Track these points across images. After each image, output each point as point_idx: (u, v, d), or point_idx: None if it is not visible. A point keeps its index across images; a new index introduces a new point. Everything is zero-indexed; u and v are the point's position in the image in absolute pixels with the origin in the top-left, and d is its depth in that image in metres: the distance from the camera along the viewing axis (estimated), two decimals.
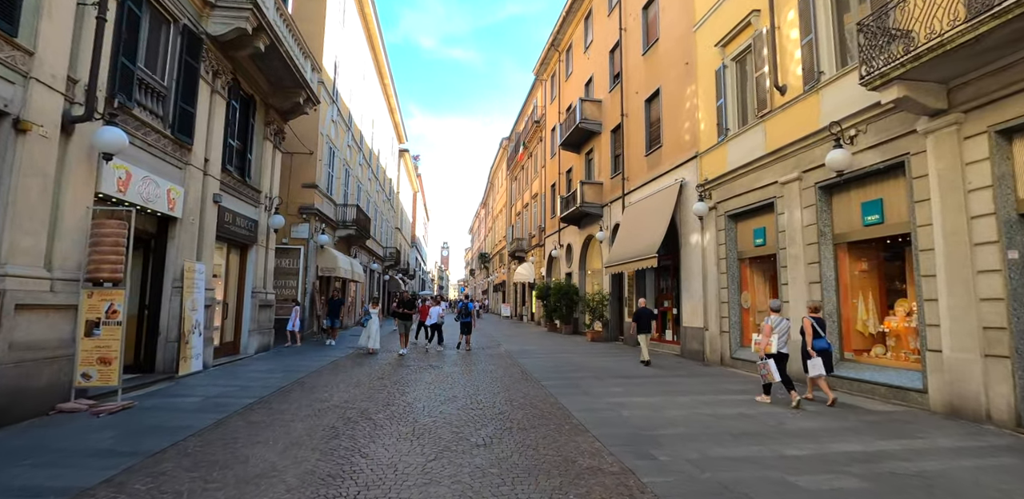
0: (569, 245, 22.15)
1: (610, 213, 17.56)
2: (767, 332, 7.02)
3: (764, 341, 7.01)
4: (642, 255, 12.91)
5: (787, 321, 7.18)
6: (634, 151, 15.82)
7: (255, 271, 11.44)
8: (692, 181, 12.39)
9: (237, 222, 10.45)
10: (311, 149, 15.76)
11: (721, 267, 11.21)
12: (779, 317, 7.13)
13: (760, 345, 7.07)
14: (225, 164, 9.78)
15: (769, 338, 6.97)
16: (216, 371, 8.96)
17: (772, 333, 6.99)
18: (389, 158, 34.09)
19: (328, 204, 17.48)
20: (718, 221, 11.35)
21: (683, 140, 12.91)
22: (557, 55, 24.79)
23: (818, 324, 6.95)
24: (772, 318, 7.12)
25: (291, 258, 15.51)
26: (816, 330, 6.89)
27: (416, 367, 10.28)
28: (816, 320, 6.98)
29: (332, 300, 14.92)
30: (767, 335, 7.00)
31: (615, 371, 9.99)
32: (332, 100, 17.48)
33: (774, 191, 9.50)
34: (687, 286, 12.47)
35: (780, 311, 7.28)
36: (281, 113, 12.35)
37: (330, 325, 14.54)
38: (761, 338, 7.09)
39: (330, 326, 14.55)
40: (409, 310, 12.46)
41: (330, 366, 10.04)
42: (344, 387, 7.87)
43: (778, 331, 7.00)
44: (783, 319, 7.14)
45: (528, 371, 9.83)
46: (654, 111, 14.77)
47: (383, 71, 27.77)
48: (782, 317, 7.17)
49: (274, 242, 12.46)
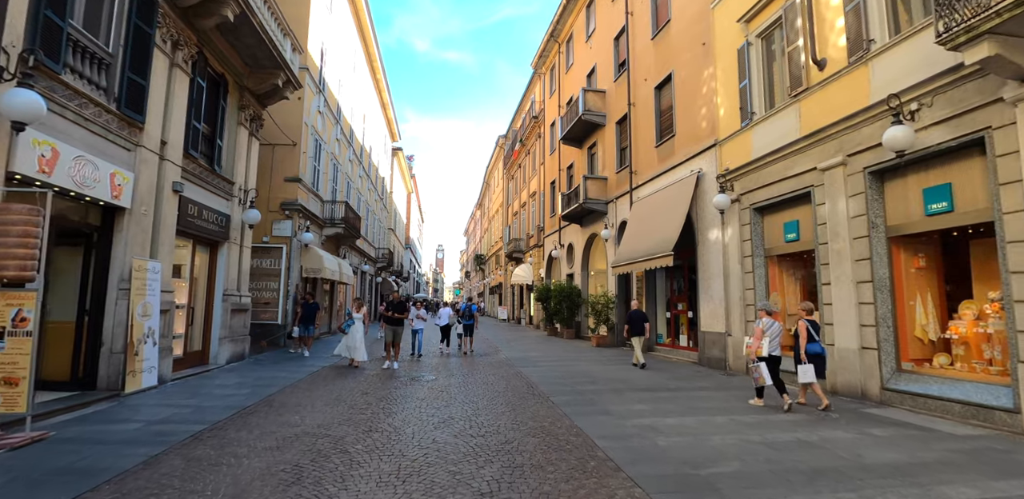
0: (570, 245, 21.04)
1: (615, 210, 16.46)
2: (758, 335, 6.90)
3: (755, 344, 6.89)
4: (655, 253, 11.80)
5: (779, 324, 7.08)
6: (643, 142, 14.73)
7: (227, 271, 10.23)
8: (711, 172, 11.30)
9: (204, 216, 9.25)
10: (294, 140, 14.56)
11: (746, 265, 10.11)
12: (770, 319, 7.02)
13: (751, 348, 6.98)
14: (188, 149, 8.59)
15: (760, 341, 6.86)
16: (173, 387, 7.74)
17: (764, 336, 6.87)
18: (381, 156, 32.91)
19: (314, 201, 16.28)
20: (742, 215, 10.25)
21: (699, 128, 11.83)
22: (557, 46, 23.73)
23: (813, 327, 6.78)
24: (764, 320, 7.02)
25: (272, 258, 14.30)
26: (811, 334, 6.72)
27: (406, 379, 9.10)
28: (811, 323, 6.81)
29: (305, 304, 12.71)
30: (758, 338, 6.88)
31: (632, 383, 8.86)
32: (319, 89, 16.31)
33: (811, 179, 8.41)
34: (705, 287, 11.36)
35: (772, 314, 7.19)
36: (258, 97, 11.17)
37: (303, 333, 12.51)
38: (752, 341, 7.01)
39: (303, 335, 12.53)
40: (400, 314, 10.66)
41: (308, 379, 8.84)
42: (320, 406, 6.68)
43: (769, 334, 6.88)
44: (774, 322, 7.02)
45: (534, 383, 8.67)
46: (665, 98, 13.70)
47: (375, 65, 26.62)
48: (773, 320, 7.06)
49: (250, 239, 11.26)
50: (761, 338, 6.87)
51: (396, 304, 10.82)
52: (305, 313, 12.53)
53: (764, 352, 6.79)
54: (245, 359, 10.89)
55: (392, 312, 10.71)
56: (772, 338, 6.86)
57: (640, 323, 11.02)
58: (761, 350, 6.81)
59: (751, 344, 7.04)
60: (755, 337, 6.97)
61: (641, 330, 11.00)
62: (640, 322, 11.03)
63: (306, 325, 12.48)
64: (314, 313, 12.63)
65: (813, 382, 6.62)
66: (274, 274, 14.25)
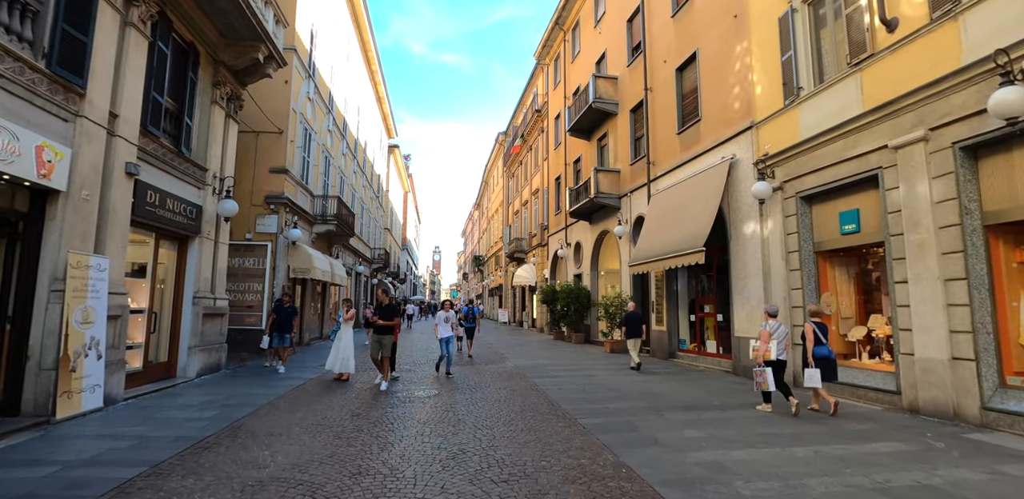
0: (578, 243, 19.79)
1: (630, 204, 15.23)
2: (765, 338, 6.68)
3: (763, 348, 6.66)
4: (682, 249, 10.56)
5: (785, 327, 6.92)
6: (662, 130, 13.51)
7: (198, 270, 8.93)
8: (745, 158, 10.09)
9: (169, 205, 7.95)
10: (280, 127, 13.28)
11: (791, 262, 8.88)
12: (777, 322, 6.85)
13: (758, 352, 6.77)
14: (147, 125, 7.30)
15: (768, 344, 6.64)
16: (124, 409, 6.43)
17: (771, 339, 6.67)
18: (377, 152, 31.62)
19: (303, 195, 14.98)
20: (786, 205, 9.03)
21: (731, 110, 10.61)
22: (562, 35, 22.53)
23: (820, 329, 6.59)
24: (770, 323, 6.80)
25: (256, 256, 12.99)
26: (818, 336, 6.54)
27: (405, 395, 7.81)
28: (818, 325, 6.61)
29: (279, 307, 10.17)
30: (765, 341, 6.66)
31: (667, 398, 7.60)
32: (308, 74, 15.04)
33: (879, 159, 7.19)
34: (740, 287, 10.13)
35: (777, 316, 7.00)
36: (236, 74, 9.89)
37: (277, 344, 10.05)
38: (759, 345, 6.77)
39: (277, 346, 10.08)
40: (388, 320, 8.43)
41: (289, 397, 7.53)
42: (299, 434, 5.39)
43: (776, 337, 6.71)
44: (780, 325, 6.86)
45: (554, 400, 7.40)
46: (688, 80, 12.49)
47: (370, 56, 25.36)
48: (780, 322, 6.92)
49: (227, 235, 9.95)
50: (768, 341, 6.66)
51: (386, 307, 8.58)
52: (279, 319, 10.07)
53: (772, 356, 6.61)
54: (221, 370, 9.57)
55: (378, 317, 8.53)
56: (779, 341, 6.71)
57: (637, 325, 10.95)
58: (769, 354, 6.62)
59: (757, 348, 6.82)
60: (762, 340, 6.72)
61: (638, 332, 10.95)
62: (637, 324, 10.96)
63: (281, 333, 10.04)
64: (290, 319, 10.20)
65: (818, 388, 6.43)
66: (258, 274, 12.94)
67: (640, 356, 10.85)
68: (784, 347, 6.78)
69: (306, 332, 15.59)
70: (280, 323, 10.08)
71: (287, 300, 10.59)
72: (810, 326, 6.63)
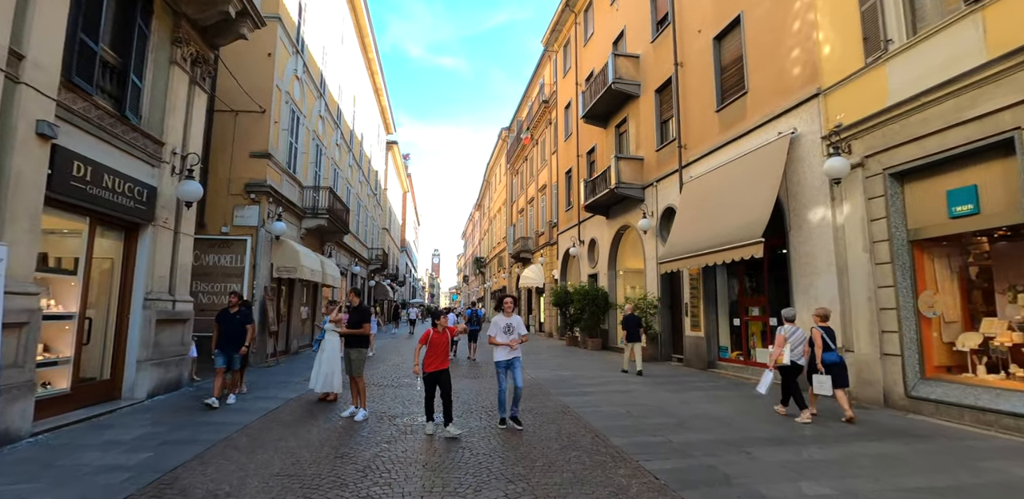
0: (593, 240, 18.18)
1: (656, 195, 13.63)
2: (780, 342, 6.54)
3: (777, 352, 6.53)
4: (731, 242, 8.95)
5: (802, 331, 6.70)
6: (696, 109, 11.93)
7: (152, 266, 7.29)
8: (809, 132, 8.50)
9: (108, 183, 6.31)
10: (263, 106, 11.66)
11: (878, 254, 7.27)
12: (793, 327, 6.66)
13: (772, 356, 6.59)
14: (73, 76, 5.67)
15: (782, 349, 6.49)
16: (24, 450, 4.77)
17: (785, 343, 6.51)
18: (375, 147, 30.02)
19: (290, 185, 13.35)
20: (869, 184, 7.43)
21: (788, 77, 9.03)
22: (573, 17, 20.99)
23: (828, 335, 6.37)
24: (786, 327, 6.65)
25: (234, 253, 11.34)
26: (826, 342, 6.32)
27: (405, 424, 6.16)
28: (825, 330, 6.39)
29: (224, 315, 7.10)
30: (780, 345, 6.52)
31: (741, 426, 5.96)
32: (296, 49, 13.44)
33: (1015, 119, 5.59)
34: (804, 285, 8.51)
35: (793, 320, 6.74)
36: (203, 32, 8.27)
37: (224, 365, 6.90)
38: (774, 349, 6.59)
39: (223, 367, 6.90)
40: (355, 327, 6.56)
41: (255, 428, 5.87)
42: (254, 494, 3.74)
43: (792, 341, 6.54)
44: (797, 328, 6.67)
45: (598, 430, 5.75)
46: (730, 49, 10.90)
47: (367, 43, 23.78)
48: (796, 327, 6.70)
49: (191, 223, 8.31)
50: (783, 345, 6.48)
51: (355, 310, 6.66)
52: (225, 330, 6.98)
53: (786, 360, 6.44)
54: (181, 388, 7.89)
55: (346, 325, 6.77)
56: (795, 346, 6.51)
57: (636, 329, 10.75)
58: (782, 358, 6.45)
59: (772, 352, 6.59)
60: (776, 345, 6.54)
61: (638, 336, 10.76)
62: (636, 327, 10.76)
63: (228, 351, 6.92)
64: (241, 330, 7.06)
65: (830, 394, 6.19)
66: (236, 274, 11.29)
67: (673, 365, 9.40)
68: (801, 352, 6.52)
69: (293, 339, 13.93)
70: (227, 336, 6.97)
71: (234, 302, 7.24)
72: (818, 331, 6.35)
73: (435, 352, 5.56)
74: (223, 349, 6.95)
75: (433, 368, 5.54)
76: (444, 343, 5.60)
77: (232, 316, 7.13)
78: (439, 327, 5.64)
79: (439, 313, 5.88)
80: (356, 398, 6.46)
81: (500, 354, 5.89)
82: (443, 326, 5.66)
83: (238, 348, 7.08)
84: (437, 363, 5.55)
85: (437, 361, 5.56)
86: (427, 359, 5.57)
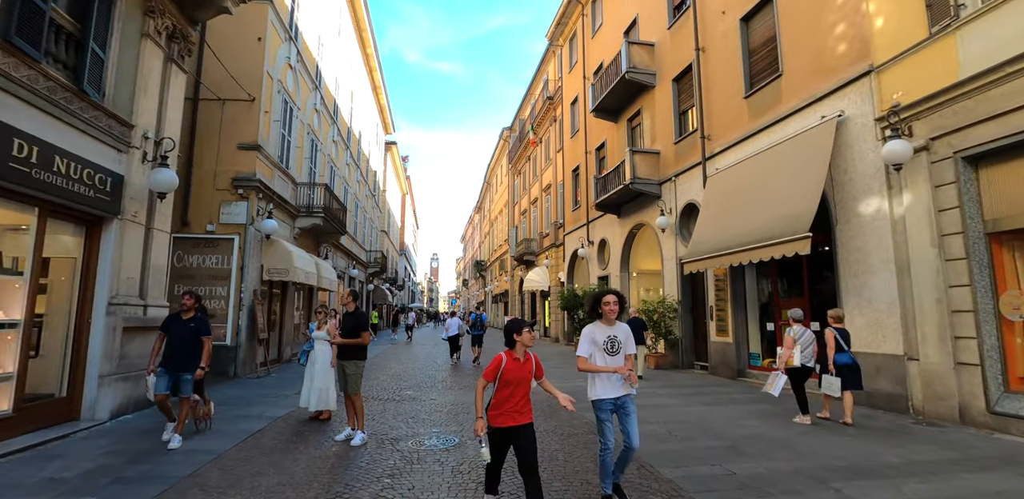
0: (603, 240, 17.27)
1: (674, 190, 12.74)
2: (789, 344, 6.38)
3: (786, 354, 6.36)
4: (771, 237, 8.05)
5: (810, 332, 6.52)
6: (720, 97, 11.07)
7: (118, 266, 6.35)
8: (860, 114, 7.62)
9: (61, 168, 5.39)
10: (252, 94, 10.75)
11: (949, 249, 6.37)
12: (802, 328, 6.47)
13: (782, 359, 6.42)
14: (11, 35, 4.74)
15: (791, 350, 6.33)
16: None
17: (795, 345, 6.34)
18: (373, 146, 29.13)
19: (283, 180, 12.44)
20: (936, 170, 6.54)
21: (832, 55, 8.16)
22: (580, 8, 20.19)
23: (841, 336, 6.24)
24: (795, 329, 6.46)
25: (220, 253, 10.40)
26: (839, 343, 6.19)
27: (411, 449, 5.22)
28: (839, 331, 6.27)
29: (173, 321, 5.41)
30: (789, 347, 6.36)
31: (807, 450, 5.04)
32: (289, 36, 12.56)
33: None
34: (856, 286, 7.60)
35: (801, 321, 6.53)
36: (180, 3, 7.36)
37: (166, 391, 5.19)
38: (783, 351, 6.43)
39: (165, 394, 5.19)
40: (352, 336, 5.50)
41: (231, 458, 4.92)
42: None
43: (801, 343, 6.38)
44: (806, 330, 6.49)
45: (642, 457, 4.81)
46: (760, 30, 10.05)
47: (365, 38, 22.95)
48: (805, 328, 6.50)
49: (167, 218, 7.37)
50: (792, 347, 6.37)
51: (348, 317, 5.59)
52: (173, 344, 5.27)
53: (796, 362, 6.33)
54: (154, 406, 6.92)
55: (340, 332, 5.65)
56: (804, 347, 6.40)
57: (640, 333, 10.34)
58: (792, 360, 6.33)
59: (782, 355, 6.47)
60: (786, 347, 6.43)
61: (642, 339, 10.43)
62: (640, 332, 10.36)
63: (176, 371, 5.22)
64: (194, 342, 5.31)
65: (838, 395, 6.16)
66: (223, 276, 10.34)
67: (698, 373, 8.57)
68: (810, 354, 6.41)
69: (286, 347, 12.97)
70: (175, 350, 5.21)
71: (189, 305, 5.38)
72: (831, 332, 6.25)
73: (510, 394, 3.30)
74: (168, 367, 5.18)
75: (507, 422, 3.25)
76: (525, 379, 3.36)
77: (184, 323, 5.32)
78: (518, 351, 3.38)
79: (519, 325, 3.40)
80: (352, 419, 5.50)
81: (602, 388, 3.64)
82: (525, 346, 3.40)
83: (189, 367, 5.21)
84: (514, 413, 3.28)
85: (515, 410, 3.29)
86: (496, 406, 3.31)
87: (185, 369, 5.23)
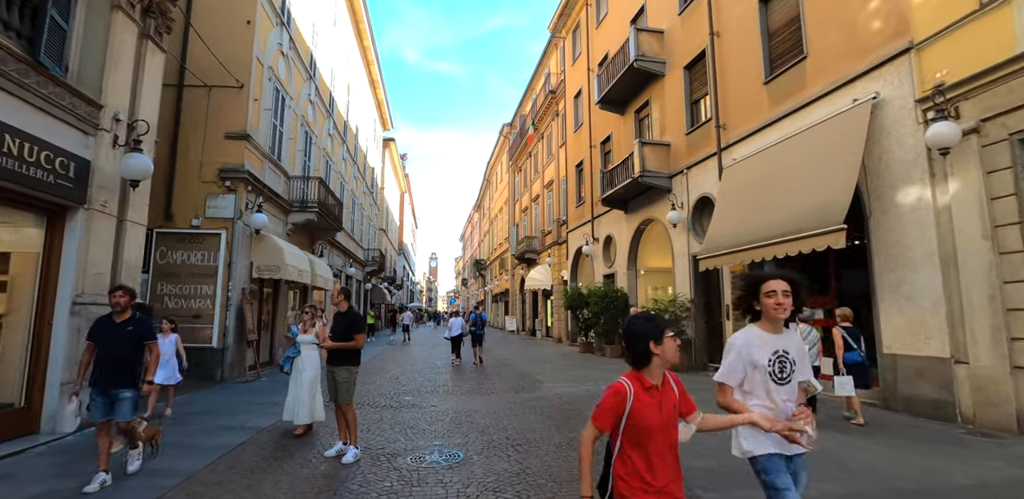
0: (609, 237, 16.67)
1: (686, 183, 12.14)
2: None
3: None
4: (800, 230, 7.44)
5: (816, 332, 6.33)
6: (737, 84, 10.46)
7: (83, 261, 5.72)
8: (898, 96, 7.01)
9: (15, 149, 4.77)
10: (240, 80, 10.12)
11: (1004, 241, 5.77)
12: (808, 327, 6.23)
13: None
14: None
15: None
16: None
17: None
18: (371, 142, 28.49)
19: (274, 173, 11.81)
20: (988, 154, 5.94)
21: (864, 33, 7.56)
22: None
23: (850, 335, 6.26)
24: (800, 327, 6.08)
25: (206, 249, 9.78)
26: (848, 342, 6.22)
27: (410, 466, 4.61)
28: (847, 330, 6.29)
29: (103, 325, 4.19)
30: None
31: (859, 467, 4.43)
32: (281, 21, 11.94)
33: None
34: (894, 282, 7.00)
35: (808, 320, 6.49)
36: None
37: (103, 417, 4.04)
38: None
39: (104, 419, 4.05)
40: (344, 339, 4.79)
41: (201, 482, 4.29)
42: None
43: (808, 342, 6.03)
44: (812, 329, 6.28)
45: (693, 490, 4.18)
46: (779, 11, 9.45)
47: (362, 29, 22.31)
48: (811, 327, 6.29)
49: (142, 209, 6.74)
50: None
51: (340, 318, 4.90)
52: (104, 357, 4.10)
53: None
54: None
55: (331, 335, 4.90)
56: (810, 346, 6.10)
57: None
58: None
59: None
60: None
61: None
62: None
63: (106, 388, 4.05)
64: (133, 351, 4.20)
65: (853, 394, 6.05)
66: (209, 274, 9.72)
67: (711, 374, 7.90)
68: (816, 353, 6.23)
69: (278, 349, 12.33)
70: (108, 363, 4.08)
71: (123, 304, 4.18)
72: (839, 331, 6.29)
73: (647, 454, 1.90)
74: (100, 386, 4.01)
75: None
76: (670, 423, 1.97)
77: (117, 328, 4.13)
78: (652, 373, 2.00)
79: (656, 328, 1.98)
80: (344, 431, 4.89)
81: (767, 435, 2.25)
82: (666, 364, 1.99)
83: (126, 382, 4.05)
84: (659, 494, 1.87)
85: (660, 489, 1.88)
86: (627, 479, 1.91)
87: (121, 385, 4.01)
